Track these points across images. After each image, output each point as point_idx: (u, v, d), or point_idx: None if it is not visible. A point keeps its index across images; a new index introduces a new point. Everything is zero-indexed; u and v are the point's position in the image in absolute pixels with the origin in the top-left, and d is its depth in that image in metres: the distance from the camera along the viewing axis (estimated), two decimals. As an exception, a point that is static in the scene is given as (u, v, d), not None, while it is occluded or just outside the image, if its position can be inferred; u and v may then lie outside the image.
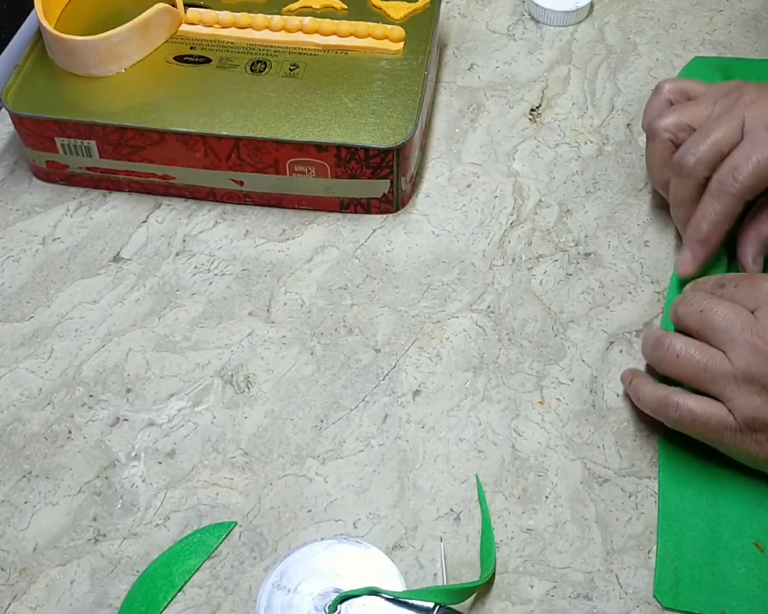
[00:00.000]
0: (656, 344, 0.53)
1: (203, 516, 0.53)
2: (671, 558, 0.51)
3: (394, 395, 0.58)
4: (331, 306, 0.62)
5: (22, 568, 0.51)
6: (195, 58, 0.68)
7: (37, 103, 0.64)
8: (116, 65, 0.66)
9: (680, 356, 0.51)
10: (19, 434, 0.56)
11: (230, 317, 0.61)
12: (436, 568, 0.51)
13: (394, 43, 0.68)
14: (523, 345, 0.60)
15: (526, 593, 0.50)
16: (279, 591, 0.48)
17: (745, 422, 0.49)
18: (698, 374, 0.51)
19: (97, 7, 0.70)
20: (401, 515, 0.53)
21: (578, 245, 0.64)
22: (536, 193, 0.67)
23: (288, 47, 0.68)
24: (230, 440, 0.56)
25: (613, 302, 0.61)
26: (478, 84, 0.75)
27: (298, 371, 0.59)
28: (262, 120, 0.63)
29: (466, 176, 0.68)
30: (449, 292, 0.62)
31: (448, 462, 0.55)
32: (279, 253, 0.64)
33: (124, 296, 0.62)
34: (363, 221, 0.66)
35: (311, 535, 0.52)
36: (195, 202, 0.67)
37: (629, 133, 0.71)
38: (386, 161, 0.63)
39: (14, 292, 0.63)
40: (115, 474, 0.55)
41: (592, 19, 0.79)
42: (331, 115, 0.64)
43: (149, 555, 0.52)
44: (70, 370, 0.59)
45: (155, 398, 0.58)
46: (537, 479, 0.54)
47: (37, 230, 0.66)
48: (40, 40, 0.68)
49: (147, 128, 0.63)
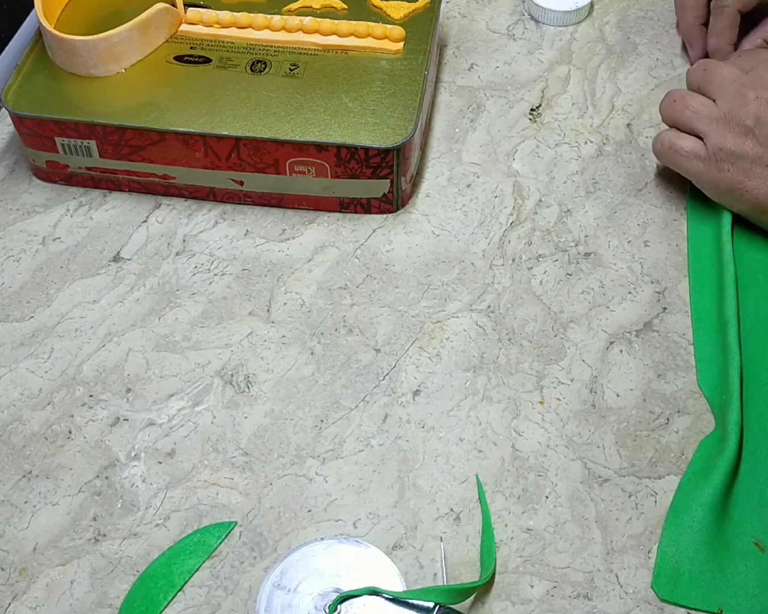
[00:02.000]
0: (665, 95, 0.64)
1: (203, 516, 0.53)
2: (673, 552, 0.51)
3: (394, 395, 0.58)
4: (331, 306, 0.62)
5: (22, 568, 0.51)
6: (195, 58, 0.68)
7: (37, 103, 0.64)
8: (116, 65, 0.66)
9: (677, 101, 0.62)
10: (19, 434, 0.56)
11: (230, 317, 0.61)
12: (436, 568, 0.51)
13: (394, 43, 0.68)
14: (523, 345, 0.60)
15: (526, 593, 0.50)
16: (279, 591, 0.48)
17: (714, 151, 0.60)
18: (688, 115, 0.61)
19: (97, 7, 0.70)
20: (401, 515, 0.53)
21: (578, 245, 0.64)
22: (536, 193, 0.67)
23: (288, 47, 0.68)
24: (230, 440, 0.56)
25: (613, 302, 0.61)
26: (478, 84, 0.75)
27: (298, 371, 0.59)
28: (262, 120, 0.63)
29: (466, 175, 0.68)
30: (449, 292, 0.62)
31: (448, 462, 0.55)
32: (279, 253, 0.65)
33: (124, 296, 0.62)
34: (363, 221, 0.66)
35: (311, 535, 0.52)
36: (195, 202, 0.67)
37: (629, 133, 0.71)
38: (386, 160, 0.63)
39: (14, 292, 0.63)
40: (115, 474, 0.55)
41: (592, 19, 0.79)
42: (331, 115, 0.64)
43: (149, 555, 0.52)
44: (70, 370, 0.59)
45: (155, 398, 0.58)
46: (537, 479, 0.54)
47: (37, 230, 0.66)
48: (40, 40, 0.68)
49: (147, 128, 0.63)
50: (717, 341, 0.58)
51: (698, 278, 0.62)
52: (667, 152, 0.63)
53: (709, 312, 0.60)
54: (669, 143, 0.63)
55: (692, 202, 0.66)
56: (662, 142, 0.63)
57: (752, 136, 0.59)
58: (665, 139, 0.63)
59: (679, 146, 0.62)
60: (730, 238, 0.62)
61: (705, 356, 0.58)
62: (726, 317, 0.58)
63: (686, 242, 0.64)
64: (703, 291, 0.61)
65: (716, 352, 0.58)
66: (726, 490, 0.52)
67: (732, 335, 0.57)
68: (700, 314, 0.60)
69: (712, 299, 0.60)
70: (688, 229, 0.65)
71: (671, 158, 0.63)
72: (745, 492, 0.53)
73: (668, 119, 0.64)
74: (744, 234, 0.63)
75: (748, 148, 0.59)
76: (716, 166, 0.60)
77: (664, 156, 0.64)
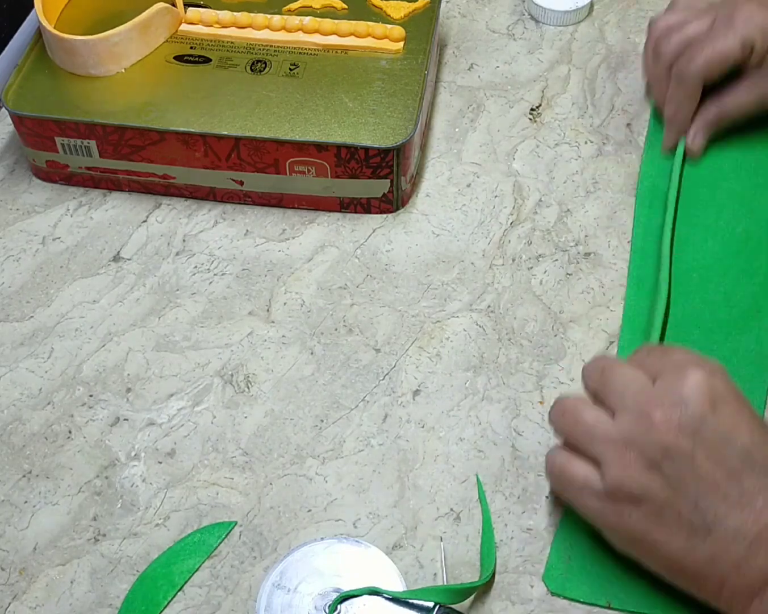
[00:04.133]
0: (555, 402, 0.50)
1: (203, 516, 0.53)
2: (566, 547, 0.51)
3: (394, 394, 0.58)
4: (331, 306, 0.62)
5: (22, 568, 0.51)
6: (195, 58, 0.68)
7: (37, 103, 0.64)
8: (116, 65, 0.66)
9: (566, 413, 0.49)
10: (19, 434, 0.56)
11: (230, 316, 0.61)
12: (436, 568, 0.51)
13: (394, 43, 0.68)
14: (523, 345, 0.60)
15: (526, 593, 0.50)
16: (279, 591, 0.48)
17: (612, 488, 0.46)
18: (579, 432, 0.48)
19: (97, 7, 0.70)
20: (401, 515, 0.53)
21: (578, 245, 0.64)
22: (536, 193, 0.67)
23: (288, 47, 0.68)
24: (230, 440, 0.56)
25: (613, 302, 0.61)
26: (478, 84, 0.75)
27: (298, 370, 0.59)
28: (262, 120, 0.63)
29: (466, 175, 0.68)
30: (449, 292, 0.62)
31: (448, 462, 0.55)
32: (279, 253, 0.64)
33: (124, 296, 0.62)
34: (363, 220, 0.66)
35: (311, 535, 0.52)
36: (195, 202, 0.67)
37: (629, 133, 0.71)
38: (386, 160, 0.63)
39: (14, 292, 0.63)
40: (115, 474, 0.55)
41: (592, 18, 0.79)
42: (331, 115, 0.64)
43: (149, 555, 0.52)
44: (70, 370, 0.59)
45: (155, 398, 0.58)
46: (537, 479, 0.54)
47: (37, 229, 0.66)
48: (40, 40, 0.68)
49: (147, 128, 0.63)
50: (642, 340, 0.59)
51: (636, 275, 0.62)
52: (557, 479, 0.49)
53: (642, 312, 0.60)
54: (559, 470, 0.49)
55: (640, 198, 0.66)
56: (554, 464, 0.49)
57: (658, 472, 0.45)
58: (556, 462, 0.49)
59: (570, 474, 0.48)
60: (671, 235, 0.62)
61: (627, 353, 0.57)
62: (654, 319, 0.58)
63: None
64: (639, 289, 0.61)
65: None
66: None
67: (654, 336, 0.57)
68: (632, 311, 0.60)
69: (647, 299, 0.60)
70: (634, 225, 0.65)
71: (563, 487, 0.49)
72: None
73: (560, 433, 0.50)
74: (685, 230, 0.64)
75: (656, 489, 0.45)
76: (613, 508, 0.46)
77: (556, 483, 0.50)
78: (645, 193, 0.66)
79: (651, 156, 0.68)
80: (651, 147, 0.69)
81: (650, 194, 0.66)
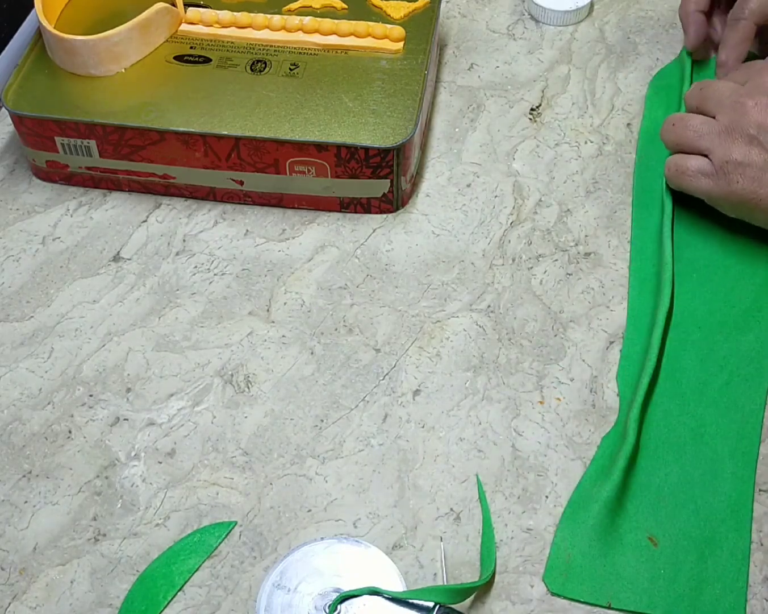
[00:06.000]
0: (664, 122, 0.64)
1: (203, 516, 0.53)
2: (567, 546, 0.51)
3: (394, 394, 0.58)
4: (331, 306, 0.62)
5: (22, 568, 0.51)
6: (195, 58, 0.68)
7: (37, 103, 0.64)
8: (116, 65, 0.66)
9: (676, 124, 0.62)
10: (19, 433, 0.56)
11: (230, 316, 0.61)
12: (436, 568, 0.51)
13: (394, 43, 0.68)
14: (523, 345, 0.60)
15: (526, 593, 0.50)
16: (279, 591, 0.48)
17: (720, 165, 0.59)
18: (690, 136, 0.61)
19: (97, 7, 0.70)
20: (401, 515, 0.53)
21: (578, 245, 0.64)
22: (536, 192, 0.67)
23: (288, 47, 0.68)
24: (230, 440, 0.56)
25: (613, 302, 0.61)
26: (478, 84, 0.75)
27: (298, 370, 0.59)
28: (262, 120, 0.63)
29: (466, 175, 0.68)
30: (449, 292, 0.62)
31: (448, 462, 0.55)
32: (279, 253, 0.65)
33: (124, 296, 0.62)
34: (363, 220, 0.66)
35: (311, 535, 0.52)
36: (195, 202, 0.67)
37: (629, 133, 0.71)
38: (386, 160, 0.63)
39: (14, 292, 0.63)
40: (115, 474, 0.55)
41: (592, 18, 0.79)
42: (331, 115, 0.64)
43: (149, 555, 0.52)
44: (70, 370, 0.59)
45: (155, 398, 0.58)
46: (537, 479, 0.54)
47: (37, 229, 0.66)
48: (40, 40, 0.68)
49: (147, 128, 0.63)
50: (646, 339, 0.59)
51: (638, 277, 0.62)
52: (674, 176, 0.62)
53: (645, 313, 0.60)
54: (675, 166, 0.62)
55: (637, 200, 0.66)
56: (669, 166, 0.63)
57: (757, 143, 0.58)
58: (671, 164, 0.62)
59: (684, 167, 0.61)
60: (671, 235, 0.62)
61: (631, 353, 0.58)
62: (656, 319, 0.58)
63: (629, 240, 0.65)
64: (642, 291, 0.61)
65: (642, 351, 0.58)
66: (623, 485, 0.52)
67: (656, 335, 0.57)
68: (636, 312, 0.60)
69: (650, 299, 0.61)
70: (632, 227, 0.65)
71: (680, 181, 0.62)
72: (643, 486, 0.53)
73: (671, 144, 0.63)
74: (684, 231, 0.64)
75: (755, 155, 0.58)
76: (725, 179, 0.59)
77: (674, 180, 0.63)
78: (641, 194, 0.66)
79: (645, 152, 0.69)
80: (645, 144, 0.69)
81: (646, 195, 0.66)
